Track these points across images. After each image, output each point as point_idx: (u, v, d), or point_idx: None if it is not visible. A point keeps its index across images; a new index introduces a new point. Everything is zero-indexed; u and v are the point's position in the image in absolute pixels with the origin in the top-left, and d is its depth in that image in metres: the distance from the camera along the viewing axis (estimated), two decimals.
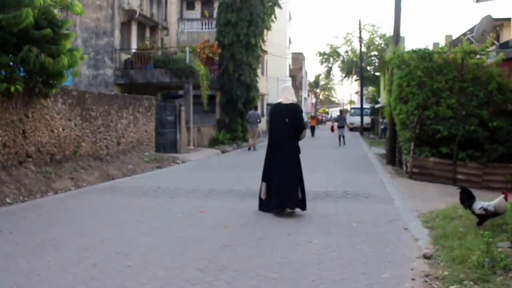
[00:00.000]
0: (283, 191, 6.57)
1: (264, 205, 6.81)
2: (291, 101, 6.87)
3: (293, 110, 6.84)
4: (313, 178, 9.80)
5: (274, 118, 6.92)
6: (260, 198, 6.93)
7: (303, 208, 6.73)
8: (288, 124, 6.73)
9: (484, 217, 5.47)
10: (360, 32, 40.67)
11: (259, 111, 23.38)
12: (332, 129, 31.17)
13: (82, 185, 9.42)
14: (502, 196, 5.48)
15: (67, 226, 5.95)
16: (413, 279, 3.99)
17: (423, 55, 11.00)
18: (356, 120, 42.05)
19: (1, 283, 3.88)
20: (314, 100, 77.92)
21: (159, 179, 10.45)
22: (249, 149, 19.79)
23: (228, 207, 7.24)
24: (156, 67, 19.43)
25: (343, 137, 23.32)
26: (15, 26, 7.71)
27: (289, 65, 50.03)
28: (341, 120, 24.11)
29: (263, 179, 6.87)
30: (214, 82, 21.44)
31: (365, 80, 42.31)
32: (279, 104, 6.92)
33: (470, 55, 10.76)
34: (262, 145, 21.51)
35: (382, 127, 28.49)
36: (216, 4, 24.57)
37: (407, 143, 11.09)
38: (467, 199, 5.67)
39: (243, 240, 5.26)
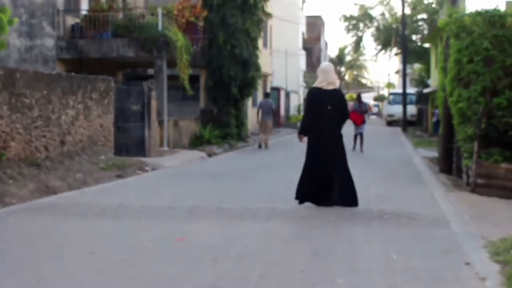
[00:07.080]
0: (337, 186, 8.62)
1: (303, 194, 8.77)
2: (333, 87, 8.76)
3: (336, 96, 8.81)
4: None
5: (314, 107, 8.77)
6: (298, 187, 8.86)
7: (357, 203, 8.72)
8: (331, 112, 8.61)
9: None
10: None
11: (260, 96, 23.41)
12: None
13: (10, 202, 9.39)
14: None
15: None
16: None
17: (491, 19, 10.98)
18: (397, 110, 42.16)
19: None
20: (337, 82, 78.13)
21: (120, 194, 10.47)
22: (260, 147, 20.09)
23: (217, 233, 7.25)
24: (116, 35, 19.40)
25: (361, 137, 20.19)
26: None
27: (303, 34, 50.15)
28: (360, 110, 20.82)
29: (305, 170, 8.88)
30: (198, 57, 21.44)
31: (409, 54, 42.32)
32: (319, 89, 8.71)
33: None
34: (275, 143, 21.65)
35: (434, 120, 28.52)
36: None
37: (468, 142, 11.09)
38: None
39: (238, 278, 5.26)
